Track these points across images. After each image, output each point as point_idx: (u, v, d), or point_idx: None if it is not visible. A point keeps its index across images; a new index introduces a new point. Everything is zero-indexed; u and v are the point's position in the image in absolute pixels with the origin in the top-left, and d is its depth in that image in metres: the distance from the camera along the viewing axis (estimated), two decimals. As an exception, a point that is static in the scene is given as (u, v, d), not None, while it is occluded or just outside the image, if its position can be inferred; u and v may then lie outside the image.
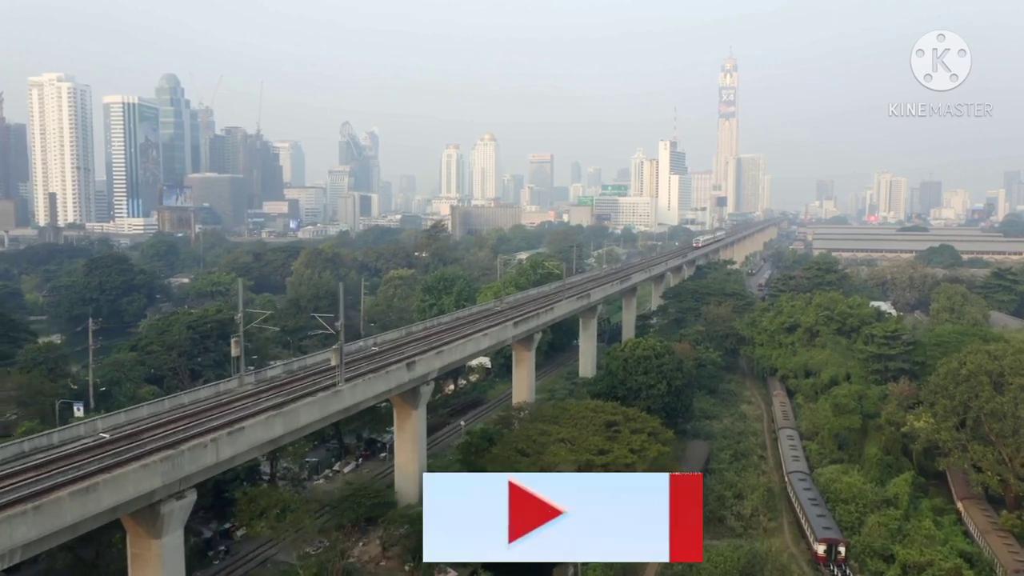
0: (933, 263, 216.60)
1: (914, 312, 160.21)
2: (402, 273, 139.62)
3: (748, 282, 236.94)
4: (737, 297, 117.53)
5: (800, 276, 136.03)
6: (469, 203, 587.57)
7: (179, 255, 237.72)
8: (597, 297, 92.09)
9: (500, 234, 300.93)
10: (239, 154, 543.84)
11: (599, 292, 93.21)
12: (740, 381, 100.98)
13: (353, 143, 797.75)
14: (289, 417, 39.64)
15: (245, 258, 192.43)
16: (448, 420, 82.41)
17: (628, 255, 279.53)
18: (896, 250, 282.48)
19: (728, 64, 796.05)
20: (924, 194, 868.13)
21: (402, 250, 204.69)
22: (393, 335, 65.92)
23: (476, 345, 59.64)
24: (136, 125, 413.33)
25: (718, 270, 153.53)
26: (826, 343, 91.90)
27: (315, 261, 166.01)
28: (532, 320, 70.18)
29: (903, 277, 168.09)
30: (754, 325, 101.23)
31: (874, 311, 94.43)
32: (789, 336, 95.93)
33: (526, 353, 75.01)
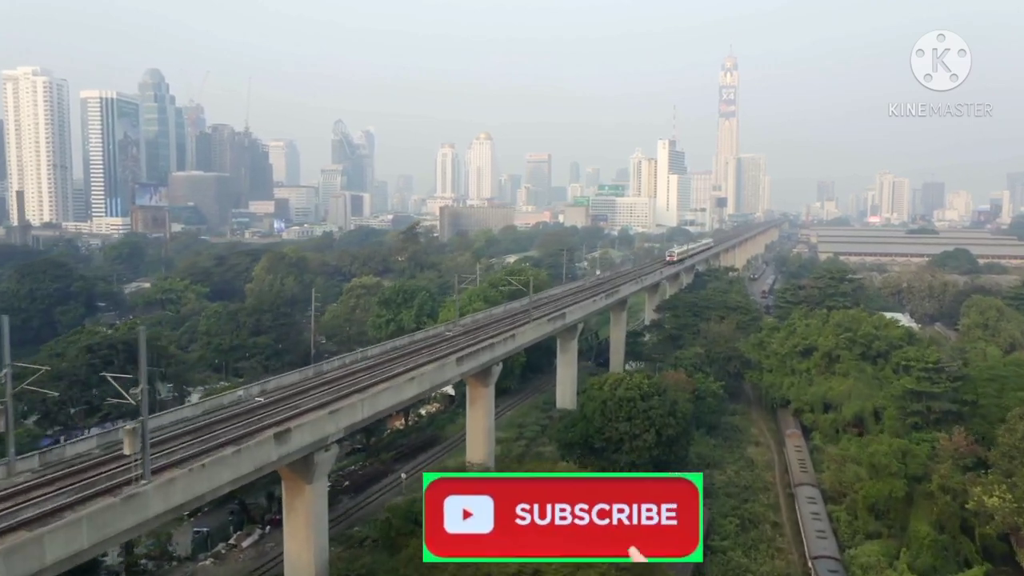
0: (948, 268, 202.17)
1: (934, 324, 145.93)
2: (366, 281, 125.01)
3: (750, 287, 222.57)
4: (741, 311, 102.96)
5: (810, 286, 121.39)
6: (464, 203, 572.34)
7: (144, 258, 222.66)
8: (575, 317, 77.22)
9: (488, 236, 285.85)
10: (226, 152, 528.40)
11: (577, 310, 78.24)
12: (745, 412, 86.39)
13: (346, 142, 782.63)
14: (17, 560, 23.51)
15: (206, 262, 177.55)
16: (391, 467, 67.74)
17: (623, 259, 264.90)
18: (906, 254, 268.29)
19: (728, 63, 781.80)
20: (926, 195, 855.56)
21: (379, 253, 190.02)
22: (294, 377, 51.15)
23: (396, 396, 44.93)
24: (115, 121, 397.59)
25: (719, 278, 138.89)
26: (848, 371, 77.36)
27: (277, 266, 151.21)
28: (484, 353, 55.45)
29: (921, 285, 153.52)
30: (762, 347, 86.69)
31: (905, 332, 79.84)
32: (803, 361, 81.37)
33: (482, 390, 60.36)
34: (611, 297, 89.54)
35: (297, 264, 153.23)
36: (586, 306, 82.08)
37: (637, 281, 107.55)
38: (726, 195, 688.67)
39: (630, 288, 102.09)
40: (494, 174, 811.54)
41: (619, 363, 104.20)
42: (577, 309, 77.72)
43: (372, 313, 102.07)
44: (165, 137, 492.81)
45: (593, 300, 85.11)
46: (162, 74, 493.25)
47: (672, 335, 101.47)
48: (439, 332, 65.09)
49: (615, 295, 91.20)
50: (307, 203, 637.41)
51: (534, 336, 65.74)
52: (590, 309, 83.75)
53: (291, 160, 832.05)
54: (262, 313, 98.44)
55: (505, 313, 78.13)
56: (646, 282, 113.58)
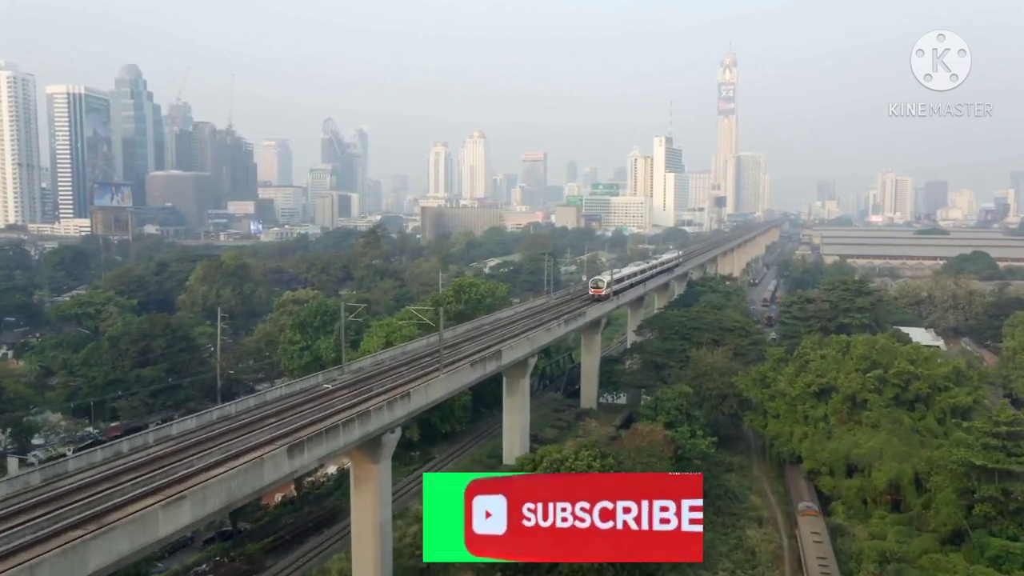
0: (967, 273, 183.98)
1: (959, 339, 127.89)
2: (300, 295, 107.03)
3: (750, 293, 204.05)
4: (739, 333, 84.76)
5: (821, 299, 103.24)
6: (457, 203, 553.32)
7: (90, 264, 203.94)
8: (517, 355, 58.64)
9: (469, 238, 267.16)
10: (207, 151, 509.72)
11: (521, 346, 59.58)
12: (744, 467, 68.29)
13: (336, 140, 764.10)
14: None
15: (139, 269, 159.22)
16: (262, 563, 49.47)
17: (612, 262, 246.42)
18: (917, 256, 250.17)
19: (727, 59, 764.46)
20: (929, 194, 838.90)
21: (341, 259, 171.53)
22: (77, 463, 33.05)
23: (162, 526, 26.58)
24: (83, 117, 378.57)
25: (715, 288, 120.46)
26: (879, 420, 59.33)
27: (213, 275, 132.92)
28: (349, 431, 37.26)
29: (943, 295, 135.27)
30: (765, 384, 68.52)
31: (952, 370, 61.68)
32: (819, 405, 63.32)
33: (371, 467, 42.32)
34: (572, 323, 71.05)
35: (236, 273, 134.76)
36: (537, 338, 63.71)
37: (527, 340, 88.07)
38: (725, 194, 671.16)
39: (600, 310, 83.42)
40: (488, 173, 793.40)
41: (592, 396, 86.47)
42: (521, 344, 59.29)
43: (285, 338, 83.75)
44: (142, 135, 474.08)
45: (547, 328, 66.67)
46: (139, 70, 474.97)
47: (656, 363, 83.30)
48: (319, 385, 46.58)
49: (578, 319, 72.66)
50: (294, 203, 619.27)
51: (446, 391, 47.47)
52: (541, 342, 65.39)
53: (284, 160, 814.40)
54: (152, 338, 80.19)
55: (428, 348, 59.82)
56: (625, 299, 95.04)
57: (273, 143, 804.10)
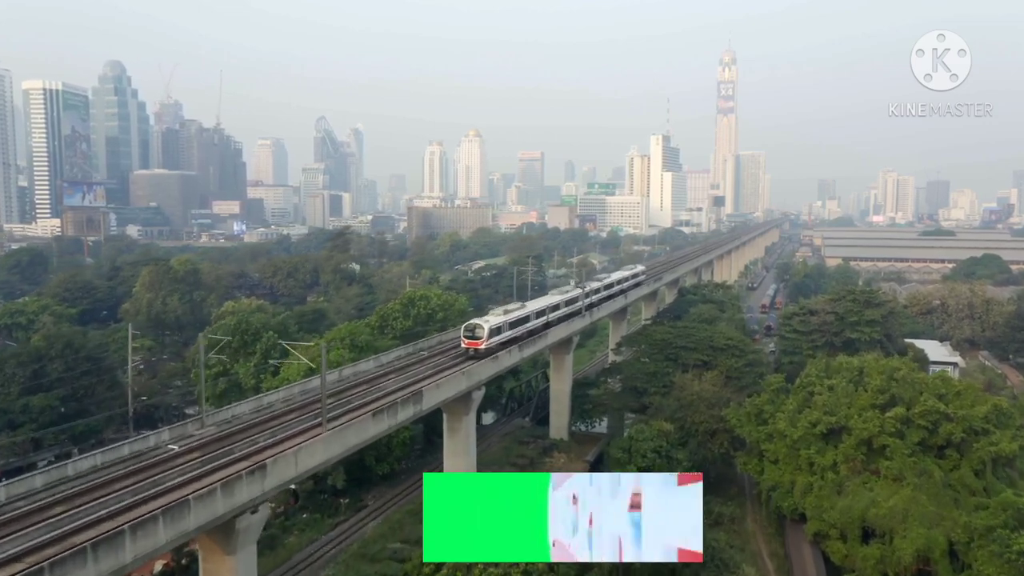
0: (978, 277, 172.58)
1: (978, 353, 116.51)
2: (243, 304, 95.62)
3: (748, 298, 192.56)
4: (733, 353, 73.15)
5: (825, 311, 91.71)
6: (452, 203, 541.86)
7: (48, 268, 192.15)
8: (441, 397, 46.27)
9: (454, 240, 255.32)
10: (193, 149, 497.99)
11: (449, 386, 47.89)
12: (736, 521, 56.81)
13: (328, 139, 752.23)
14: None
15: (87, 274, 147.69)
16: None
17: (604, 266, 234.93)
18: (924, 259, 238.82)
19: (726, 58, 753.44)
20: (931, 194, 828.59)
21: (309, 263, 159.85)
22: None
23: None
24: (60, 114, 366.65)
25: (709, 298, 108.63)
26: (902, 471, 47.92)
27: (160, 281, 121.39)
28: (175, 521, 25.69)
29: (958, 304, 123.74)
30: (762, 420, 57.00)
31: (992, 408, 50.15)
32: (827, 449, 51.85)
33: (224, 561, 30.80)
34: (527, 349, 59.06)
35: (185, 279, 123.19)
36: (475, 372, 51.72)
37: (584, 314, 76.64)
38: (724, 194, 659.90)
39: (565, 331, 71.60)
40: (484, 173, 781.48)
41: (562, 425, 75.08)
42: (448, 384, 47.41)
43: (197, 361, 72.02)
44: (127, 133, 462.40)
45: (494, 359, 54.68)
46: (123, 66, 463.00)
47: (636, 388, 71.78)
48: (156, 447, 34.68)
49: (534, 345, 60.52)
50: (285, 203, 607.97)
51: (330, 454, 35.68)
52: (481, 376, 53.44)
53: (279, 160, 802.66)
54: (48, 360, 68.70)
55: (341, 384, 48.13)
56: (600, 314, 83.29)
57: (268, 143, 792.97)
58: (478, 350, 56.80)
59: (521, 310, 64.51)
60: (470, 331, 57.73)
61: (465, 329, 58.47)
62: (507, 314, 61.92)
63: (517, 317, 62.80)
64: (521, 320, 63.23)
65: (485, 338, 56.80)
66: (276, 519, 56.21)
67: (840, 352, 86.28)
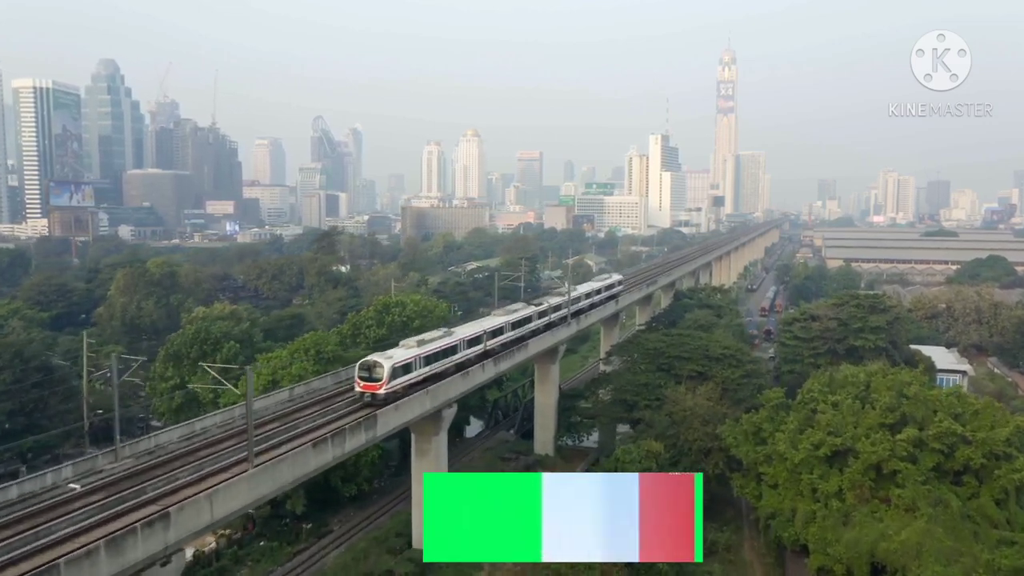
0: (982, 279, 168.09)
1: (987, 359, 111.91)
2: (215, 309, 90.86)
3: (747, 301, 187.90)
4: (730, 363, 68.45)
5: (828, 316, 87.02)
6: (450, 203, 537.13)
7: (29, 269, 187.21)
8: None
9: (448, 241, 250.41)
10: (188, 149, 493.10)
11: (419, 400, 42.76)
12: (733, 547, 52.18)
13: (326, 139, 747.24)
14: None
15: (63, 277, 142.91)
16: None
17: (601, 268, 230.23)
18: (926, 260, 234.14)
19: (726, 57, 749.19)
20: (932, 194, 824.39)
21: (295, 264, 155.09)
22: None
23: None
24: (51, 113, 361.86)
25: (706, 302, 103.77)
26: (915, 501, 43.27)
27: (135, 285, 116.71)
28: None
29: (965, 308, 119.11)
30: (760, 439, 52.35)
31: (1015, 428, 45.46)
32: (831, 474, 47.20)
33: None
34: (446, 393, 49.99)
35: (162, 282, 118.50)
36: (409, 408, 44.04)
37: (567, 326, 71.45)
38: (723, 194, 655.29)
39: (542, 344, 66.32)
40: (482, 173, 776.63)
41: (548, 440, 70.47)
42: (418, 399, 42.41)
43: (155, 370, 67.29)
44: (120, 132, 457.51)
45: (427, 393, 45.93)
46: (117, 64, 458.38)
47: (626, 402, 67.10)
48: (53, 485, 29.50)
49: (463, 382, 52.92)
50: (281, 203, 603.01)
51: (252, 498, 30.26)
52: (450, 394, 48.37)
53: (277, 160, 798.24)
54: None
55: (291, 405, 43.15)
56: (588, 321, 78.29)
57: (266, 142, 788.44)
58: (376, 395, 43.29)
59: (444, 339, 51.33)
60: (366, 370, 44.15)
61: (360, 368, 44.63)
62: (423, 345, 48.42)
63: (437, 349, 49.45)
64: (443, 352, 50.23)
65: (386, 380, 43.31)
66: (229, 548, 51.58)
67: (843, 360, 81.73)
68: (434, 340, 50.45)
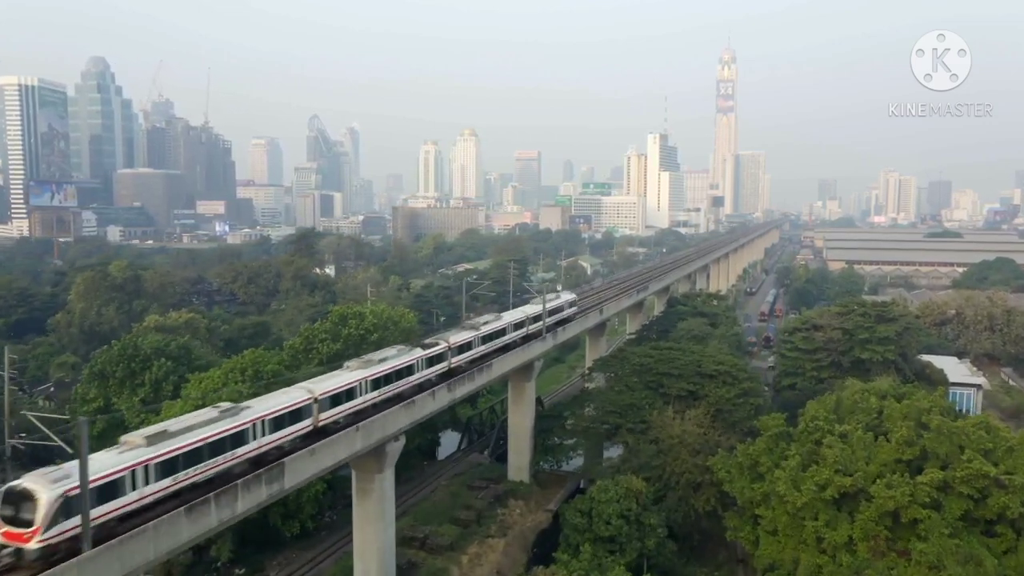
0: (990, 283, 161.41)
1: (1000, 369, 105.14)
2: (173, 320, 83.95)
3: (746, 304, 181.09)
4: (724, 380, 61.55)
5: (832, 326, 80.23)
6: (447, 203, 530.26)
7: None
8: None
9: (438, 242, 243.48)
10: (180, 148, 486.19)
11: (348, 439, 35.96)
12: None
13: (322, 138, 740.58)
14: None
15: (24, 280, 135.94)
16: None
17: (595, 269, 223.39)
18: (931, 262, 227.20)
19: (726, 56, 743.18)
20: (933, 194, 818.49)
21: (272, 267, 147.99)
22: None
23: None
24: (36, 111, 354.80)
25: (701, 310, 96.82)
26: (941, 557, 36.39)
27: (97, 289, 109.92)
28: None
29: (977, 314, 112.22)
30: (757, 473, 45.50)
31: (1055, 472, 38.58)
32: (840, 520, 40.36)
33: None
34: (422, 408, 42.44)
35: (125, 287, 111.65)
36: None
37: (528, 346, 63.71)
38: (723, 194, 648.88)
39: (506, 365, 58.75)
40: (480, 172, 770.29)
41: (523, 465, 63.61)
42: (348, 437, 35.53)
43: (78, 392, 60.31)
44: (110, 131, 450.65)
45: (357, 430, 37.25)
46: (107, 62, 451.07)
47: (608, 425, 60.22)
48: None
49: (439, 399, 45.96)
50: (276, 203, 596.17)
51: None
52: (400, 423, 41.72)
53: (274, 159, 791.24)
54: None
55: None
56: (563, 336, 71.38)
57: (263, 142, 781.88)
58: (24, 550, 24.17)
59: (204, 428, 30.43)
60: (11, 505, 24.74)
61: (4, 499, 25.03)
62: (159, 444, 28.73)
63: (181, 449, 28.95)
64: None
65: (42, 525, 24.05)
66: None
67: (849, 374, 75.18)
68: (187, 429, 30.10)
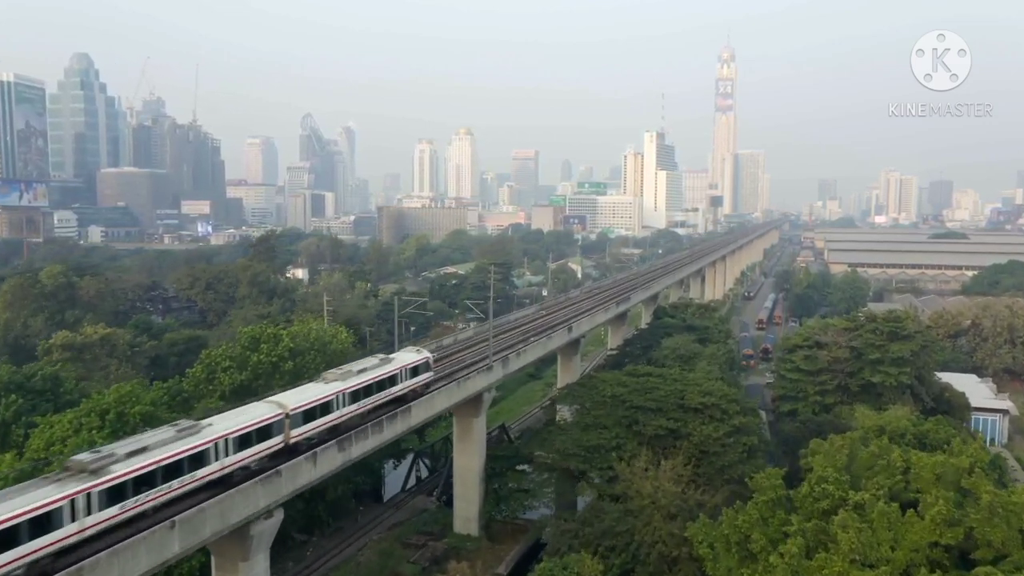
0: (1004, 288, 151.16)
1: (1022, 386, 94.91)
2: (88, 334, 73.70)
3: (743, 310, 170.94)
4: (712, 415, 51.26)
5: (838, 344, 70.05)
6: (442, 202, 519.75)
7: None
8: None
9: (422, 243, 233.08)
10: (166, 147, 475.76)
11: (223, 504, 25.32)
12: None
13: (315, 137, 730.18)
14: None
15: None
16: None
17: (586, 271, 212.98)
18: (937, 265, 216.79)
19: (725, 54, 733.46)
20: (934, 194, 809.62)
21: (232, 272, 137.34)
22: None
23: None
24: (12, 108, 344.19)
25: (690, 324, 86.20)
26: None
27: (24, 298, 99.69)
28: None
29: (996, 326, 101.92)
30: (748, 553, 35.08)
31: None
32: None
33: None
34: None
35: (57, 295, 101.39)
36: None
37: (481, 375, 54.21)
38: (722, 194, 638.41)
39: (449, 399, 48.96)
40: (475, 172, 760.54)
41: (471, 515, 53.38)
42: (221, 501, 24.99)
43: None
44: (94, 130, 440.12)
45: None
46: (91, 59, 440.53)
47: (575, 471, 49.90)
48: None
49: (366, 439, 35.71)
50: (267, 203, 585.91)
51: None
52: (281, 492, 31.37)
53: (269, 158, 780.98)
54: None
55: None
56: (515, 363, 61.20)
57: (258, 141, 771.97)
58: None
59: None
60: None
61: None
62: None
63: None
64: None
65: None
66: None
67: (857, 400, 65.42)
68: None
